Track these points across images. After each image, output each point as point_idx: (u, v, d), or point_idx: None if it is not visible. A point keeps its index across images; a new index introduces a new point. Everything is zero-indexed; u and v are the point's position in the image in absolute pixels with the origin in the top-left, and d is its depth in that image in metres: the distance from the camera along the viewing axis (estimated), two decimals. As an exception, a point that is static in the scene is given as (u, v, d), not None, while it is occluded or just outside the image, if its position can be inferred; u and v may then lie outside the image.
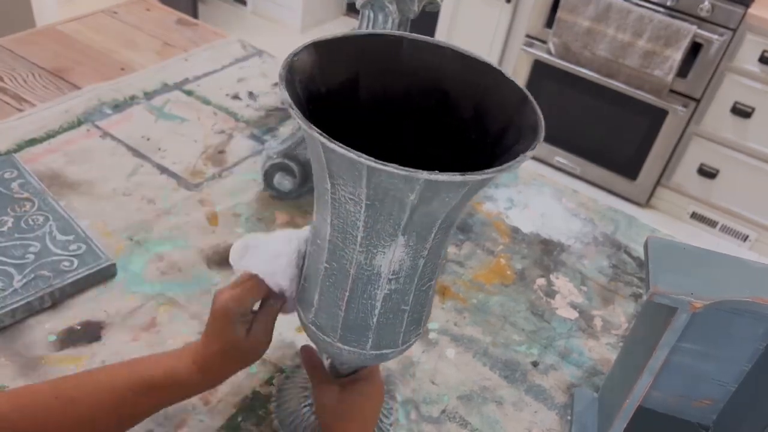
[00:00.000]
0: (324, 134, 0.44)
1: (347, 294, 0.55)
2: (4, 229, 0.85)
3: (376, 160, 0.43)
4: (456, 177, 0.43)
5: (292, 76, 0.50)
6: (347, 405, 0.63)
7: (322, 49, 0.53)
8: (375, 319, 0.56)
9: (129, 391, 0.58)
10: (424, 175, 0.42)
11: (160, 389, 0.59)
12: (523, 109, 0.51)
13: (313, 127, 0.44)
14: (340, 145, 0.43)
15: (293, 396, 0.74)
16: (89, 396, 0.58)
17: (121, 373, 0.59)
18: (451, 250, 1.00)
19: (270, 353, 0.79)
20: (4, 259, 0.81)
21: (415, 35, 0.56)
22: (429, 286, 0.57)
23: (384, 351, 0.59)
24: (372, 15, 0.86)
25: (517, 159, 0.46)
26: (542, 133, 0.48)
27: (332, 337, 0.58)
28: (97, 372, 0.61)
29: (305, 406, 0.72)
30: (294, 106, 0.46)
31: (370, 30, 0.55)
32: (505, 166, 0.45)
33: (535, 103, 0.51)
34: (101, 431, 0.59)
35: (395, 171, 0.42)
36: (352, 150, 0.43)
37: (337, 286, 0.56)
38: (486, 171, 0.44)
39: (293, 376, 0.77)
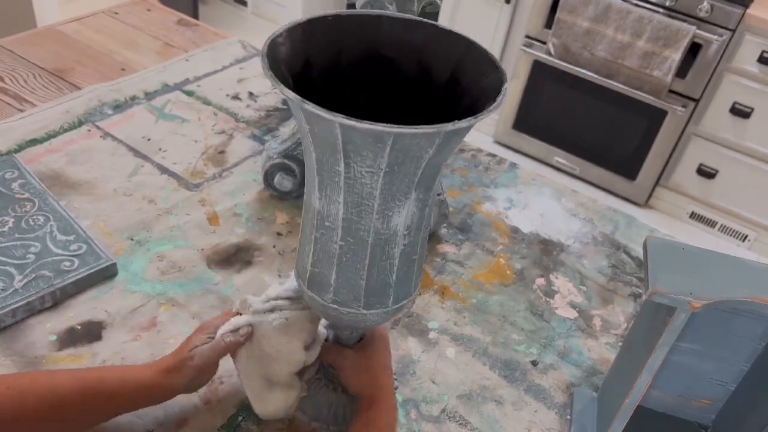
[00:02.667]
0: (344, 116, 0.46)
1: (367, 262, 0.57)
2: (5, 229, 0.85)
3: (403, 126, 0.46)
4: (471, 121, 0.48)
5: (276, 58, 0.52)
6: (365, 359, 0.68)
7: (303, 29, 0.56)
8: (394, 277, 0.60)
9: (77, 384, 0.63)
10: (447, 127, 0.47)
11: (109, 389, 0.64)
12: (492, 73, 0.55)
13: (328, 111, 0.46)
14: (363, 122, 0.46)
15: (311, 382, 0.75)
16: (43, 388, 0.61)
17: (76, 374, 0.64)
18: (451, 249, 1.00)
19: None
20: (4, 259, 0.81)
21: (392, 13, 0.59)
22: (427, 231, 0.61)
23: (402, 303, 0.63)
24: (372, 16, 0.86)
25: (488, 109, 0.50)
26: (506, 86, 0.53)
27: (356, 307, 0.61)
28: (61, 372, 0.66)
29: (321, 386, 0.74)
30: (296, 99, 0.47)
31: (350, 11, 0.59)
32: (484, 111, 0.50)
33: (501, 66, 0.55)
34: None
35: (422, 131, 0.46)
36: (377, 123, 0.46)
37: (355, 258, 0.57)
38: (479, 114, 0.49)
39: None
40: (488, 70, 0.56)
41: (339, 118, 0.46)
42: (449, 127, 0.47)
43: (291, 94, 0.47)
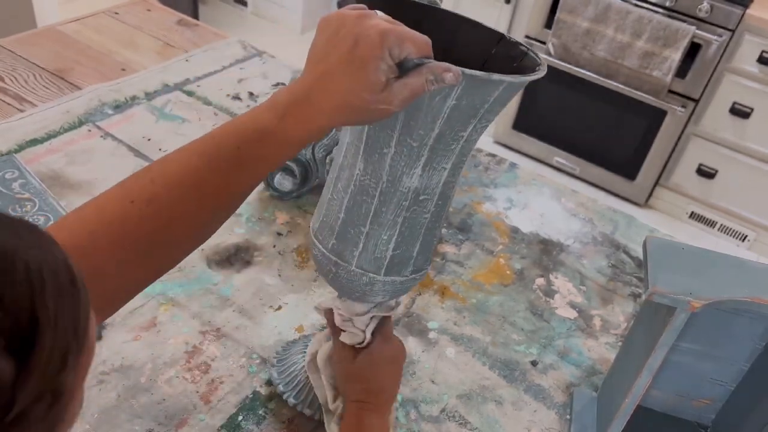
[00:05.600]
0: (514, 75, 0.50)
1: (443, 216, 0.61)
2: (6, 229, 0.85)
3: (521, 75, 0.50)
4: (537, 74, 0.52)
5: None
6: (357, 368, 0.66)
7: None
8: (419, 241, 0.60)
9: (213, 148, 0.51)
10: (538, 74, 0.52)
11: (245, 141, 0.50)
12: (524, 58, 0.58)
13: (503, 75, 0.49)
14: (530, 74, 0.51)
15: (296, 361, 0.75)
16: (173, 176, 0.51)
17: (205, 139, 0.52)
18: (451, 249, 1.00)
19: (270, 353, 0.79)
20: (5, 259, 0.81)
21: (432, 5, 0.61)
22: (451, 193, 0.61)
23: (425, 268, 0.64)
24: (372, 16, 0.87)
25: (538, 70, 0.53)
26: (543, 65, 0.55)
27: (425, 266, 0.63)
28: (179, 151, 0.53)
29: (303, 368, 0.74)
30: (483, 75, 0.49)
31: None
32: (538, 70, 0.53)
33: (532, 51, 0.58)
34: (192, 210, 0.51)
35: (534, 76, 0.51)
36: (522, 75, 0.50)
37: (438, 219, 0.60)
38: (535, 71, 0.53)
39: (291, 347, 0.79)
40: (518, 55, 0.58)
41: (511, 78, 0.49)
42: (538, 75, 0.52)
43: (472, 72, 0.48)
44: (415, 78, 0.48)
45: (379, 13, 0.50)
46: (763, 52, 2.16)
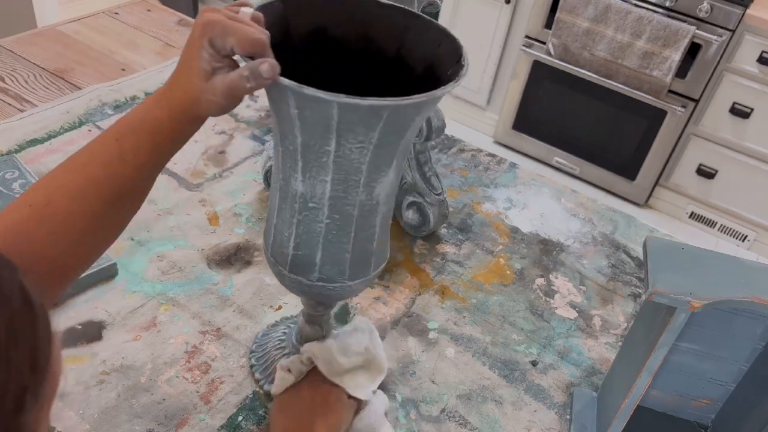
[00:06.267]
0: (345, 95, 0.47)
1: (353, 235, 0.59)
2: (6, 229, 0.85)
3: (398, 98, 0.47)
4: (454, 85, 0.51)
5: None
6: (277, 413, 0.64)
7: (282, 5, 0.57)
8: (375, 245, 0.62)
9: (112, 138, 0.53)
10: (437, 93, 0.49)
11: (124, 133, 0.54)
12: (448, 45, 0.57)
13: (328, 93, 0.47)
14: (365, 98, 0.47)
15: (270, 348, 0.76)
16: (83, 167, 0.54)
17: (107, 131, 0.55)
18: (451, 249, 1.00)
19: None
20: (5, 259, 0.81)
21: None
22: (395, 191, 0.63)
23: (380, 268, 0.66)
24: (372, 16, 0.86)
25: (453, 82, 0.52)
26: (467, 60, 0.54)
27: (341, 281, 0.63)
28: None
29: (282, 356, 0.75)
30: (294, 85, 0.48)
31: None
32: (449, 85, 0.51)
33: (456, 38, 0.56)
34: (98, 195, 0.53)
35: (415, 100, 0.48)
36: (376, 98, 0.47)
37: (341, 233, 0.59)
38: (446, 86, 0.51)
39: (270, 331, 0.79)
40: (440, 38, 0.58)
41: (340, 98, 0.47)
42: (438, 93, 0.49)
43: (287, 82, 0.48)
44: (234, 73, 0.50)
45: (245, 9, 0.51)
46: (763, 52, 2.16)
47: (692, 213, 2.58)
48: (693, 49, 2.23)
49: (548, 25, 2.44)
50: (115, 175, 0.53)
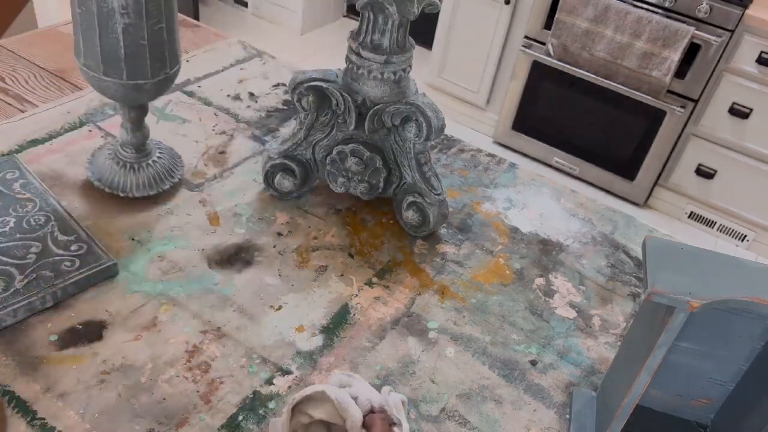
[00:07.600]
0: None
1: (98, 32, 0.76)
2: (6, 229, 0.86)
3: None
4: None
5: None
6: None
7: None
8: (122, 52, 0.77)
9: None
10: None
11: None
12: None
13: None
14: None
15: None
16: None
17: None
18: (450, 249, 1.00)
19: (270, 352, 0.79)
20: (5, 259, 0.82)
21: None
22: (161, 28, 0.77)
23: (137, 80, 0.81)
24: (372, 16, 0.87)
25: None
26: None
27: (98, 72, 0.80)
28: None
29: None
30: None
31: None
32: None
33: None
34: None
35: None
36: None
37: (89, 26, 0.75)
38: None
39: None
40: None
41: None
42: None
43: None
44: None
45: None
46: (762, 52, 2.16)
47: (691, 213, 2.58)
48: (692, 50, 2.23)
49: (548, 25, 2.45)
50: None
